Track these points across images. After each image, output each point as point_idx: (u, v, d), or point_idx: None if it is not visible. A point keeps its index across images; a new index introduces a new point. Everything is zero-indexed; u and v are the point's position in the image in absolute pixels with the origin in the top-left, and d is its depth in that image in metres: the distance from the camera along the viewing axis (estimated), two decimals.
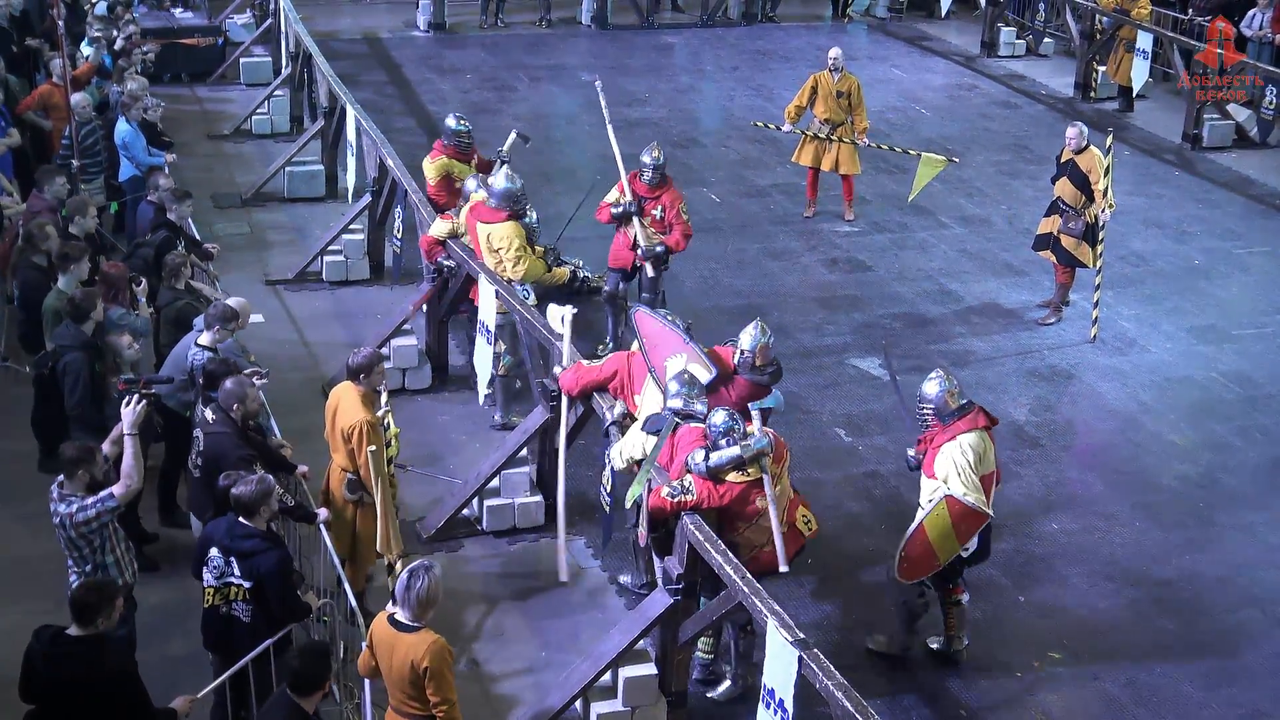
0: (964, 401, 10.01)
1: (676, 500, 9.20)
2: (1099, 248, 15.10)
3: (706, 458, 9.21)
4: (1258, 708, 9.98)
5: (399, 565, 8.97)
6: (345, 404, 10.09)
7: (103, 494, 8.67)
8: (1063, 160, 15.32)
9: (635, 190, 14.02)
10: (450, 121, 14.85)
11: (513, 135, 15.36)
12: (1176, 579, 11.51)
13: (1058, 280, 15.64)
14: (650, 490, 9.39)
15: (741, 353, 10.47)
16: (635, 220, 13.92)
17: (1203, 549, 11.93)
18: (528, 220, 13.07)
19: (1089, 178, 14.97)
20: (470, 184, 13.63)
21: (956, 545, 9.80)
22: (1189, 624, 10.98)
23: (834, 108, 17.66)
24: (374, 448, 9.13)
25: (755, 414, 9.46)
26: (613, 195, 14.15)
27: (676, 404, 9.72)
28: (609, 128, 14.82)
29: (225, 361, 10.38)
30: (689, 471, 9.27)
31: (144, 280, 12.06)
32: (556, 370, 11.01)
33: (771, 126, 19.19)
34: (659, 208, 13.99)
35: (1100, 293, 15.23)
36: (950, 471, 9.74)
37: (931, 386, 10.06)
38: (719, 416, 9.33)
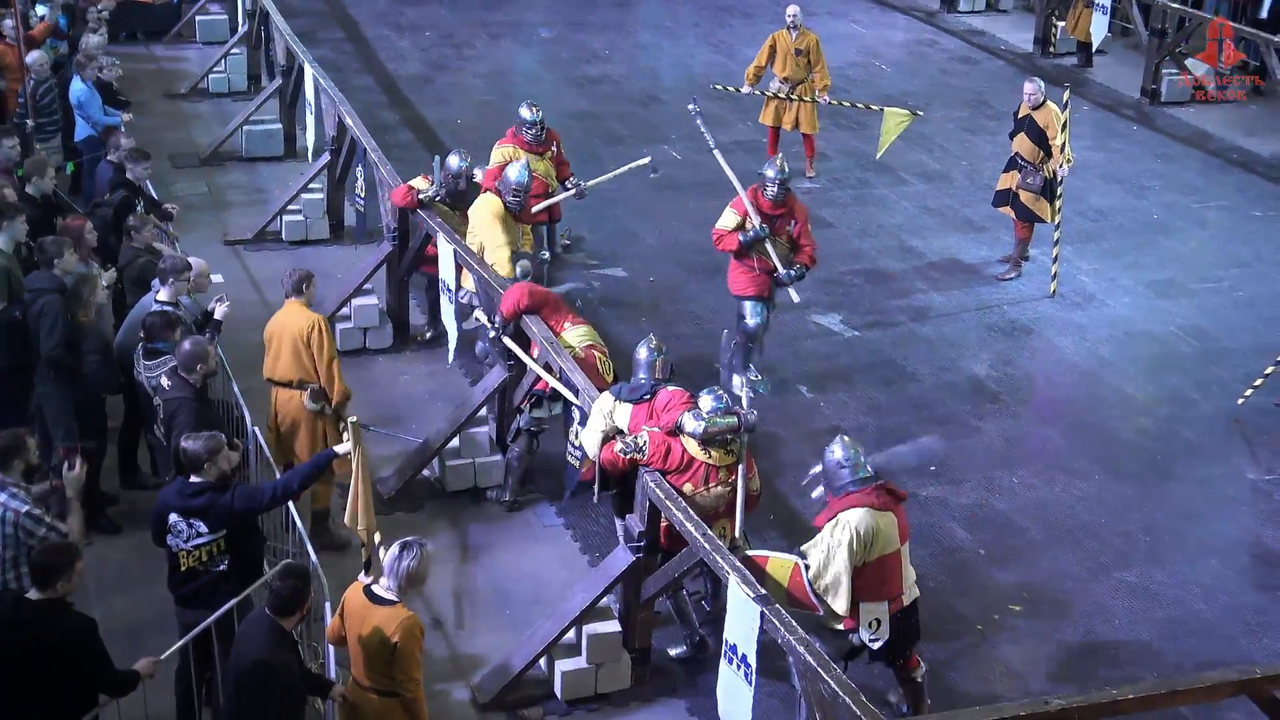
0: (864, 475, 8.79)
1: (629, 456, 9.27)
2: (1057, 203, 15.16)
3: (700, 419, 9.21)
4: (1214, 656, 10.09)
5: (375, 539, 8.95)
6: (293, 315, 10.66)
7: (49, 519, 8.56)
8: (1020, 116, 15.35)
9: (761, 208, 12.63)
10: (523, 110, 14.34)
11: (642, 161, 14.86)
12: (1135, 531, 11.62)
13: (1017, 235, 15.71)
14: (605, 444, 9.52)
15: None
16: (768, 245, 12.60)
17: (1161, 501, 12.04)
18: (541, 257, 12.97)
19: (1046, 133, 15.02)
20: (453, 160, 13.19)
21: (783, 597, 8.61)
22: (1147, 575, 11.09)
23: (794, 66, 17.56)
24: (356, 418, 9.10)
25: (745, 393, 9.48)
26: (730, 218, 12.67)
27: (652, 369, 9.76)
28: (716, 152, 13.72)
29: (167, 315, 10.28)
30: (680, 432, 9.26)
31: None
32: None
33: (732, 89, 19.00)
34: (791, 223, 12.73)
35: (1059, 248, 15.30)
36: (816, 544, 8.67)
37: (832, 450, 8.95)
38: (707, 401, 9.31)
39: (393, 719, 7.90)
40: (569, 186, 14.41)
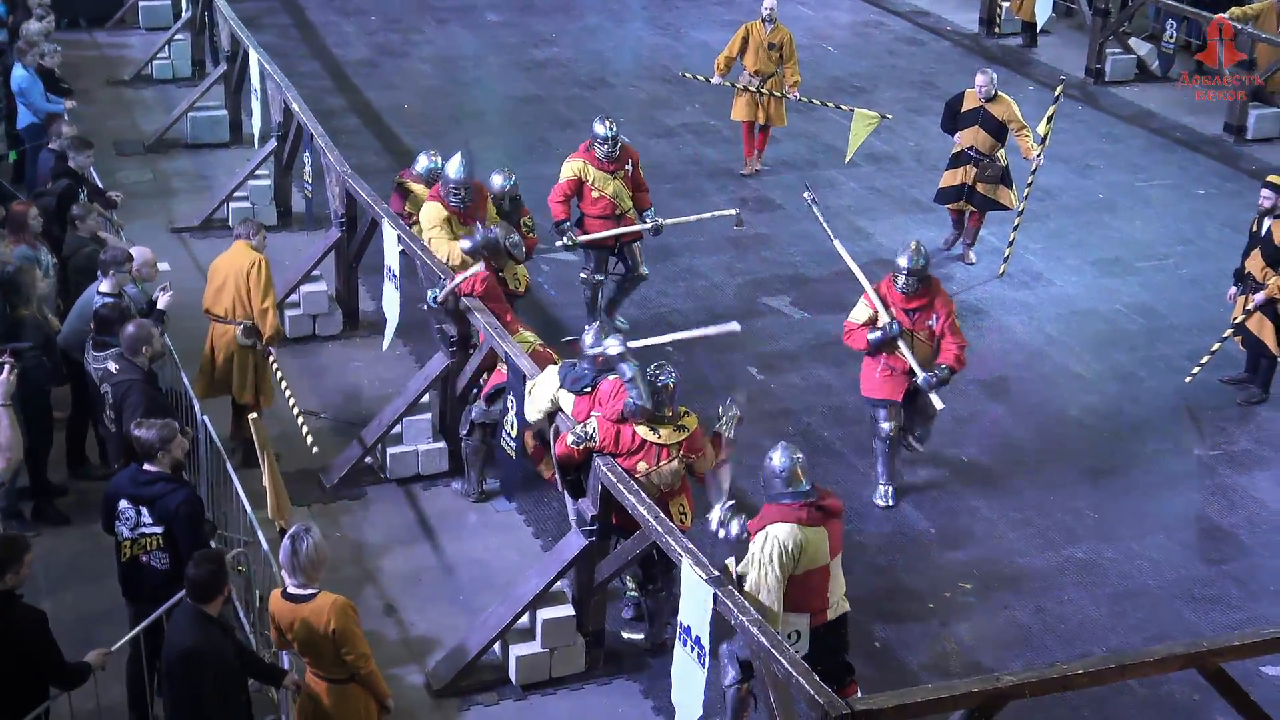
0: (798, 488, 8.49)
1: (582, 446, 9.30)
2: (1025, 190, 15.09)
3: (634, 387, 9.26)
4: (1161, 630, 10.20)
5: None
6: (239, 253, 11.31)
7: None
8: (968, 109, 15.11)
9: (894, 302, 11.29)
10: (596, 125, 13.36)
11: (728, 212, 14.56)
12: (1083, 508, 11.72)
13: (970, 225, 15.65)
14: (556, 437, 9.55)
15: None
16: (902, 344, 11.20)
17: (1109, 477, 12.15)
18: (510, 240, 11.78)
19: (1008, 126, 14.93)
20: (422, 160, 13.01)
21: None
22: (1096, 551, 11.20)
23: (765, 60, 17.15)
24: (256, 415, 9.14)
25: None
26: (861, 311, 11.37)
27: (596, 350, 9.75)
28: (837, 243, 12.53)
29: (117, 306, 10.25)
30: (628, 419, 9.27)
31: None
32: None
33: (700, 78, 18.47)
34: (933, 318, 11.25)
35: (1017, 233, 15.29)
36: (750, 562, 8.40)
37: (771, 456, 8.63)
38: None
39: (354, 702, 7.92)
40: (646, 220, 13.55)
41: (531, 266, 14.29)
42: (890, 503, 11.47)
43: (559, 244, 13.40)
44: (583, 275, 13.69)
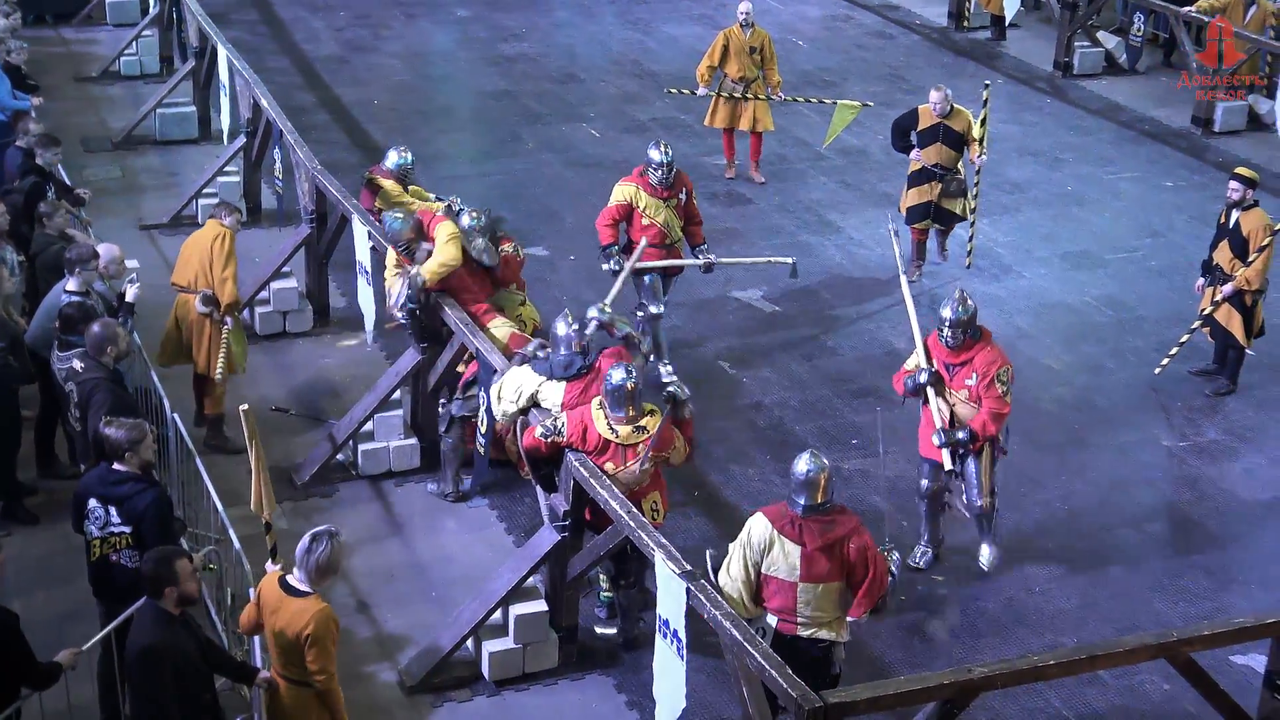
0: (804, 501, 8.32)
1: (550, 440, 9.30)
2: (974, 199, 14.97)
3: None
4: (1133, 621, 10.25)
5: (274, 524, 8.90)
6: (208, 229, 11.74)
7: None
8: (925, 127, 14.70)
9: (937, 356, 10.46)
10: (651, 150, 12.89)
11: (785, 260, 13.76)
12: (1054, 499, 11.77)
13: (915, 239, 15.14)
14: (525, 430, 9.59)
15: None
16: (930, 392, 10.42)
17: (1079, 469, 12.20)
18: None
19: (966, 136, 14.62)
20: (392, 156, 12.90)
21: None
22: (1066, 543, 11.25)
23: (747, 64, 16.93)
24: (246, 406, 9.09)
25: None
26: (912, 358, 10.74)
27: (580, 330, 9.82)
28: (902, 278, 11.76)
29: (83, 305, 10.21)
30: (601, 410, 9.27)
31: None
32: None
33: (686, 92, 18.18)
34: (972, 375, 10.30)
35: (974, 227, 15.29)
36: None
37: (797, 461, 8.45)
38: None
39: (308, 708, 7.86)
40: (698, 255, 13.04)
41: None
42: (925, 565, 10.76)
43: (606, 268, 12.81)
44: (638, 314, 12.83)
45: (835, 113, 16.32)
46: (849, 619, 8.49)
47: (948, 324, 10.26)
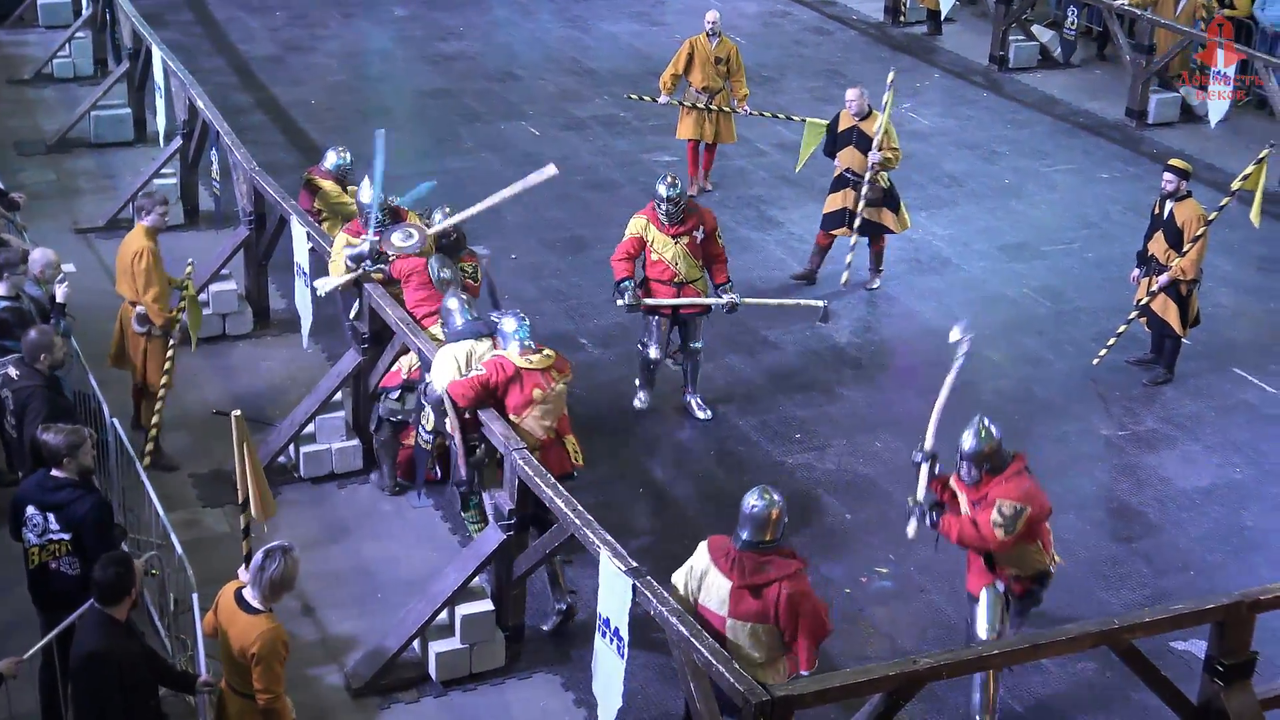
0: (749, 537, 8.06)
1: (471, 376, 9.64)
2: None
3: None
4: (1075, 609, 10.33)
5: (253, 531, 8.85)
6: (132, 238, 11.42)
7: None
8: (843, 129, 14.61)
9: (961, 492, 9.21)
10: (659, 185, 12.22)
11: (816, 303, 13.02)
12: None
13: (873, 250, 14.92)
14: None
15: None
16: (923, 470, 9.40)
17: None
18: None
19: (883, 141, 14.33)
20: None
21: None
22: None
23: (712, 75, 16.52)
24: (239, 413, 8.99)
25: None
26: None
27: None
28: (956, 363, 9.95)
29: (18, 310, 10.11)
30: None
31: None
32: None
33: (647, 99, 17.46)
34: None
35: (854, 248, 14.91)
36: None
37: (748, 497, 8.14)
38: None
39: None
40: (721, 295, 12.47)
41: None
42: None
43: (619, 303, 12.43)
44: (639, 345, 12.64)
45: (805, 132, 15.75)
46: (800, 672, 7.99)
47: (964, 458, 8.96)
